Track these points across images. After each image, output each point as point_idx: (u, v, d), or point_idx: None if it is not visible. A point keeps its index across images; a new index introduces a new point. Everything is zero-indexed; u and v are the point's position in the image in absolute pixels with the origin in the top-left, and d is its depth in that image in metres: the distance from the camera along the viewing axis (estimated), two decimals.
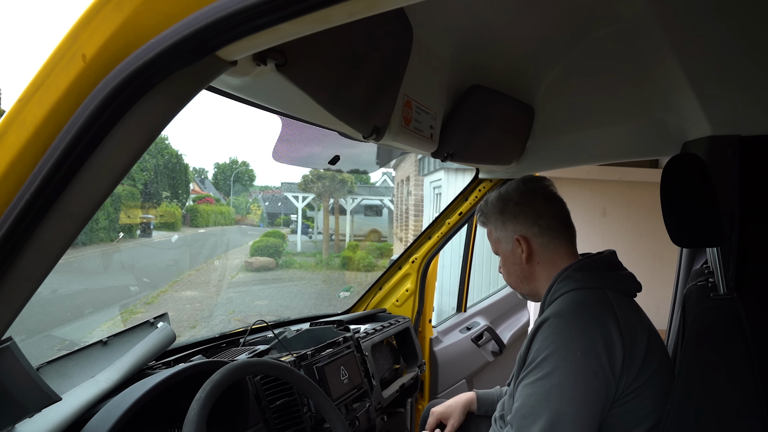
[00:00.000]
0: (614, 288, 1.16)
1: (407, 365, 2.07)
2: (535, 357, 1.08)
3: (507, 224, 1.27)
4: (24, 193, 0.50)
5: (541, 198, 1.26)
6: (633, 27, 1.47)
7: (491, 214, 1.31)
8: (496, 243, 1.32)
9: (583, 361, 1.03)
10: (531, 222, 1.24)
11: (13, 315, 0.56)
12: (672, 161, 1.14)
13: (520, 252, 1.25)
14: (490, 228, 1.32)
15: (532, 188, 1.28)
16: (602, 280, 1.17)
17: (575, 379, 1.03)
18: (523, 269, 1.27)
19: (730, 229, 1.28)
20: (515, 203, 1.27)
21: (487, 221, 1.32)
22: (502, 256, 1.32)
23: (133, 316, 7.69)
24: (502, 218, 1.28)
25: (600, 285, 1.16)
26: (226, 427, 1.22)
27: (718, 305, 1.10)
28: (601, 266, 1.21)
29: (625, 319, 1.09)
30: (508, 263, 1.29)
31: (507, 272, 1.32)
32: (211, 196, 27.17)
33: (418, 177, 9.35)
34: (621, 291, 1.17)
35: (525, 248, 1.24)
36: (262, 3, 0.45)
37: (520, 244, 1.24)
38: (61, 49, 0.51)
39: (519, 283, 1.31)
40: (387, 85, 1.12)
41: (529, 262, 1.25)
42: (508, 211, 1.27)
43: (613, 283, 1.18)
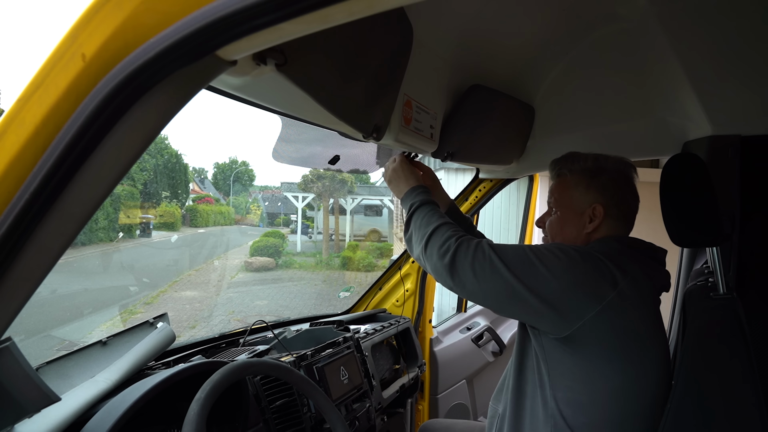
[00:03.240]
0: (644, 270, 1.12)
1: (407, 365, 2.06)
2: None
3: (591, 189, 1.22)
4: (24, 192, 0.50)
5: (629, 187, 1.25)
6: (633, 27, 1.47)
7: (580, 171, 1.24)
8: (566, 199, 1.25)
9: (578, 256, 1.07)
10: (615, 201, 1.22)
11: (13, 315, 0.56)
12: (671, 161, 1.14)
13: (588, 221, 1.21)
14: (568, 181, 1.25)
15: (627, 174, 1.25)
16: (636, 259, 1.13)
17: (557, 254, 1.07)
18: (578, 236, 1.23)
19: (730, 229, 1.28)
20: (610, 177, 1.23)
21: (569, 174, 1.26)
22: (563, 214, 1.25)
23: (133, 316, 7.69)
24: (589, 181, 1.23)
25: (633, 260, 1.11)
26: (226, 427, 1.22)
27: (718, 305, 1.10)
28: (638, 245, 1.19)
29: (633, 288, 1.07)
30: (569, 224, 1.24)
31: (559, 231, 1.26)
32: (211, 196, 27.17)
33: None
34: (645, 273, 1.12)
35: (598, 220, 1.21)
36: (262, 3, 0.45)
37: (595, 212, 1.21)
38: (60, 48, 0.51)
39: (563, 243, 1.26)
40: (387, 85, 1.12)
41: (590, 233, 1.22)
42: (600, 180, 1.22)
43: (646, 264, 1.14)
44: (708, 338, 1.08)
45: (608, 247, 1.15)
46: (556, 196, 1.28)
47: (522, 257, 1.06)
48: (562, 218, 1.26)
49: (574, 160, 1.27)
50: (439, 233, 1.16)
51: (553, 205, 1.29)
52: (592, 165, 1.24)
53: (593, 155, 1.26)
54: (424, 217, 1.22)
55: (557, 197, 1.27)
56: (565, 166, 1.27)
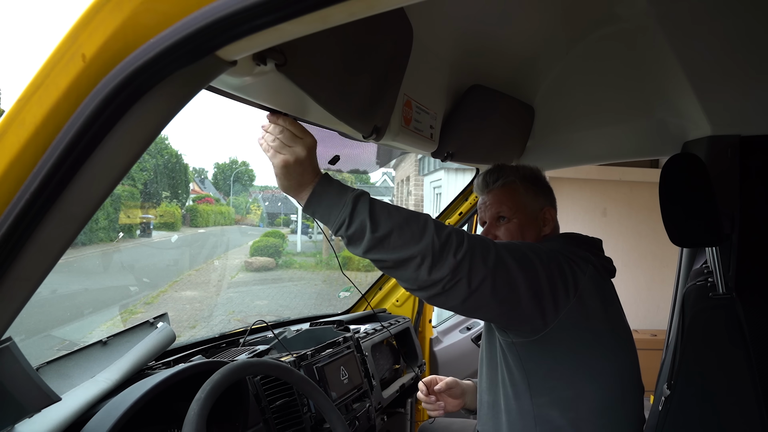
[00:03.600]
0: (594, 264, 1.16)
1: (407, 365, 2.06)
2: None
3: (539, 195, 1.29)
4: (24, 193, 0.50)
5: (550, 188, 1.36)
6: (633, 27, 1.47)
7: (523, 180, 1.29)
8: (518, 205, 1.27)
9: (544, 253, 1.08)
10: (552, 202, 1.32)
11: (13, 315, 0.56)
12: (670, 161, 1.14)
13: (542, 224, 1.28)
14: (518, 188, 1.28)
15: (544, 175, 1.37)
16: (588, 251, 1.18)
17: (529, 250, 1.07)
18: (537, 239, 1.27)
19: (729, 228, 1.28)
20: (545, 183, 1.33)
21: (515, 182, 1.29)
22: (519, 220, 1.26)
23: (133, 316, 7.68)
24: (534, 188, 1.30)
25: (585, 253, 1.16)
26: (226, 427, 1.22)
27: (717, 305, 1.10)
28: (585, 240, 1.25)
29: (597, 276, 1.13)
30: (526, 229, 1.26)
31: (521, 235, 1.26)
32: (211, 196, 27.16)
33: (418, 177, 9.35)
34: (604, 266, 1.18)
35: (551, 222, 1.29)
36: (262, 3, 0.45)
37: (547, 215, 1.28)
38: (60, 48, 0.51)
39: None
40: (387, 85, 1.12)
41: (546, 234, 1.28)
42: (541, 185, 1.31)
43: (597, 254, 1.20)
44: (708, 338, 1.08)
45: (559, 243, 1.20)
46: (508, 204, 1.27)
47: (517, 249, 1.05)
48: (521, 224, 1.26)
49: (514, 169, 1.32)
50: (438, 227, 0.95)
51: (505, 213, 1.27)
52: (529, 172, 1.32)
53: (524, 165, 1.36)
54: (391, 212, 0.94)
55: (510, 205, 1.27)
56: (509, 174, 1.30)
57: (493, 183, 1.31)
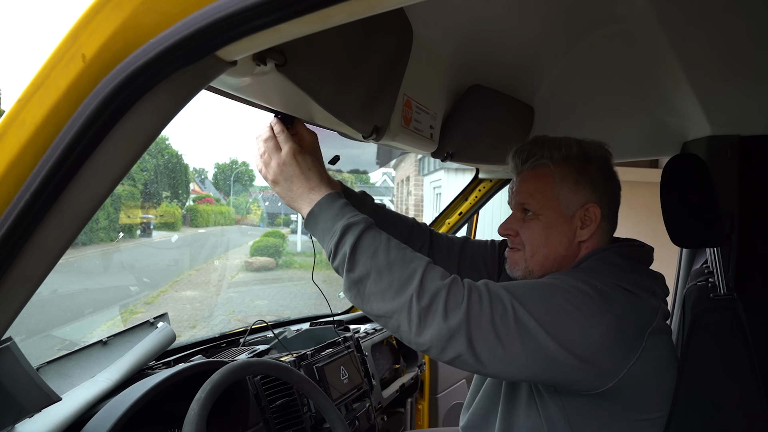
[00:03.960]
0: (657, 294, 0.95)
1: (407, 365, 2.06)
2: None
3: (581, 185, 0.96)
4: (24, 193, 0.50)
5: (616, 176, 1.01)
6: (633, 27, 1.47)
7: (563, 163, 0.96)
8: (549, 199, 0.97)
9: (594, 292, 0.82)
10: (608, 198, 0.98)
11: (13, 315, 0.56)
12: (672, 161, 1.14)
13: (579, 225, 0.96)
14: (550, 177, 0.96)
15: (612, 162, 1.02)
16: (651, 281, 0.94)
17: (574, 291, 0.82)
18: (570, 246, 0.97)
19: (730, 229, 1.28)
20: (600, 168, 0.97)
21: (552, 164, 0.97)
22: (547, 218, 0.97)
23: (133, 316, 7.68)
24: (577, 176, 0.96)
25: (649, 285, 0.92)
26: (226, 427, 1.22)
27: (718, 305, 1.10)
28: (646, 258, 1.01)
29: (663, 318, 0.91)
30: (554, 231, 0.96)
31: (544, 241, 0.97)
32: (211, 196, 27.14)
33: (418, 177, 9.35)
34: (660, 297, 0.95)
35: (594, 224, 0.96)
36: (262, 3, 0.45)
37: (588, 214, 0.96)
38: (60, 49, 0.51)
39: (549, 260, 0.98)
40: (387, 85, 1.12)
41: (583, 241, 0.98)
42: (589, 173, 0.96)
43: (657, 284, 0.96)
44: (709, 339, 1.08)
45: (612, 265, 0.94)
46: (534, 194, 0.98)
47: (550, 301, 0.80)
48: (547, 224, 0.97)
49: (556, 145, 0.98)
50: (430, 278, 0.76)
51: (531, 206, 0.99)
52: (578, 152, 0.97)
53: (574, 139, 0.99)
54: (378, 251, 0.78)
55: (537, 196, 0.98)
56: (543, 153, 0.98)
57: (523, 163, 1.00)
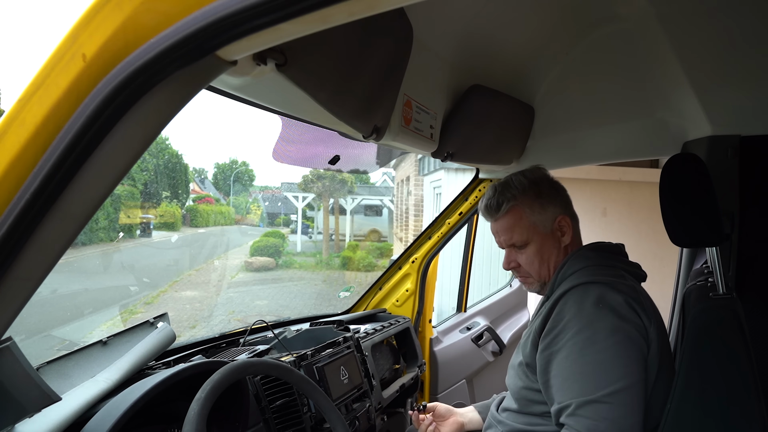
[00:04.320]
0: (625, 269, 1.15)
1: (407, 365, 2.06)
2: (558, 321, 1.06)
3: (546, 206, 1.20)
4: (24, 193, 0.50)
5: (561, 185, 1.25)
6: (633, 27, 1.47)
7: (524, 197, 1.20)
8: (528, 229, 1.20)
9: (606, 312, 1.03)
10: (567, 204, 1.22)
11: (13, 315, 0.56)
12: (671, 161, 1.14)
13: (560, 235, 1.19)
14: (521, 212, 1.20)
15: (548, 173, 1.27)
16: (613, 260, 1.16)
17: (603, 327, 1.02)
18: (559, 253, 1.20)
19: (730, 229, 1.28)
20: (549, 185, 1.22)
21: (517, 205, 1.21)
22: (535, 243, 1.20)
23: (133, 316, 7.69)
24: (540, 201, 1.20)
25: (611, 263, 1.15)
26: (226, 427, 1.22)
27: (717, 305, 1.10)
28: (609, 249, 1.21)
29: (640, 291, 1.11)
30: (545, 249, 1.20)
31: (540, 260, 1.21)
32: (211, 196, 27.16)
33: (418, 177, 9.35)
34: (632, 274, 1.16)
35: (569, 229, 1.20)
36: (262, 3, 0.45)
37: (562, 224, 1.19)
38: (61, 48, 0.51)
39: (549, 269, 1.22)
40: (387, 85, 1.12)
41: (567, 243, 1.21)
42: (545, 193, 1.20)
43: (624, 265, 1.17)
44: (708, 338, 1.08)
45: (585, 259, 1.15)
46: (516, 230, 1.21)
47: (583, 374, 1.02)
48: (538, 248, 1.20)
49: (508, 187, 1.23)
50: None
51: (517, 240, 1.22)
52: (529, 184, 1.22)
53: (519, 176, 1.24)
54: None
55: (518, 230, 1.21)
56: (509, 196, 1.22)
57: (496, 212, 1.24)
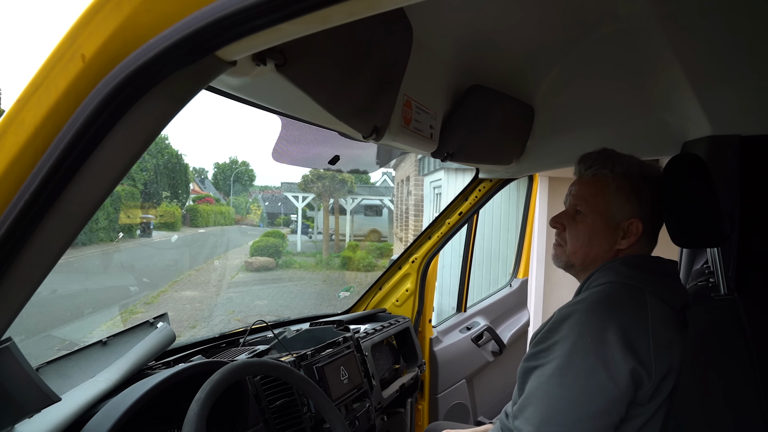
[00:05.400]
0: (655, 293, 1.03)
1: (407, 365, 2.06)
2: (546, 338, 1.00)
3: (633, 199, 1.07)
4: (23, 193, 0.50)
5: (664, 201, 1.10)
6: (633, 27, 1.47)
7: (623, 175, 1.08)
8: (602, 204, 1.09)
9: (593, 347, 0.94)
10: (652, 217, 1.08)
11: (13, 315, 0.56)
12: (672, 161, 1.14)
13: (621, 236, 1.07)
14: (608, 183, 1.09)
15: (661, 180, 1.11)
16: (644, 281, 1.04)
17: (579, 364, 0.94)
18: (608, 251, 1.09)
19: (730, 229, 1.28)
20: (652, 188, 1.08)
21: (611, 175, 1.09)
22: (593, 222, 1.10)
23: (133, 316, 7.69)
24: (632, 189, 1.07)
25: (639, 285, 1.03)
26: (226, 427, 1.22)
27: (718, 306, 1.10)
28: (648, 266, 1.08)
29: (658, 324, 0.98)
30: (598, 235, 1.09)
31: (586, 241, 1.10)
32: (211, 196, 27.16)
33: (418, 177, 9.34)
34: (663, 299, 1.03)
35: (633, 237, 1.07)
36: (262, 3, 0.45)
37: (631, 228, 1.07)
38: (60, 49, 0.51)
39: (586, 257, 1.11)
40: (387, 85, 1.12)
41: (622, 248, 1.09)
42: (643, 189, 1.07)
43: (656, 288, 1.04)
44: (709, 339, 1.08)
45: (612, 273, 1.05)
46: (588, 198, 1.10)
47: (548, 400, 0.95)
48: (591, 226, 1.10)
49: (616, 160, 1.10)
50: None
51: (583, 208, 1.11)
52: (637, 170, 1.09)
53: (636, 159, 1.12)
54: None
55: (591, 200, 1.10)
56: (605, 164, 1.10)
57: (585, 170, 1.13)
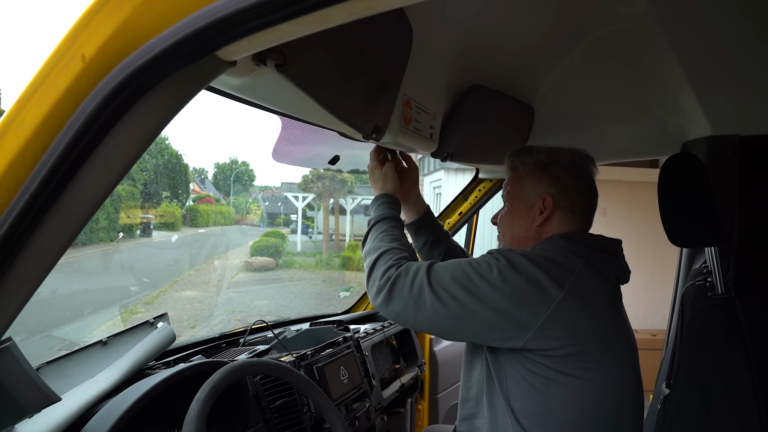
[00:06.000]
0: (591, 263, 1.07)
1: (407, 365, 2.07)
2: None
3: (542, 180, 1.19)
4: (24, 193, 0.50)
5: (585, 179, 1.20)
6: (633, 27, 1.47)
7: (531, 164, 1.22)
8: (517, 192, 1.23)
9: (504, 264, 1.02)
10: (566, 193, 1.17)
11: (13, 315, 0.56)
12: (669, 161, 1.14)
13: (538, 213, 1.18)
14: (520, 174, 1.23)
15: (583, 167, 1.21)
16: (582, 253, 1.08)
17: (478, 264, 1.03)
18: (528, 229, 1.19)
19: (729, 229, 1.28)
20: (563, 168, 1.19)
21: (521, 167, 1.23)
22: (513, 207, 1.23)
23: (133, 316, 7.69)
24: (540, 172, 1.20)
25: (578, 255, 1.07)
26: (226, 427, 1.22)
27: (716, 305, 1.10)
28: (586, 240, 1.14)
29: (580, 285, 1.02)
30: (518, 217, 1.22)
31: (509, 224, 1.24)
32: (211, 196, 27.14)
33: None
34: (598, 268, 1.07)
35: (548, 212, 1.16)
36: (261, 3, 0.45)
37: (544, 204, 1.17)
38: (60, 49, 0.51)
39: (513, 239, 1.24)
40: (387, 85, 1.12)
41: (540, 225, 1.18)
42: (551, 171, 1.19)
43: (593, 257, 1.08)
44: (707, 338, 1.08)
45: (553, 245, 1.12)
46: (508, 189, 1.25)
47: (461, 276, 1.02)
48: (512, 211, 1.23)
49: (527, 152, 1.23)
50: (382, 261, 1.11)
51: (505, 199, 1.26)
52: (545, 157, 1.21)
53: (547, 148, 1.22)
54: (376, 238, 1.19)
55: (509, 190, 1.24)
56: (517, 158, 1.25)
57: (508, 169, 1.28)
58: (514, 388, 1.04)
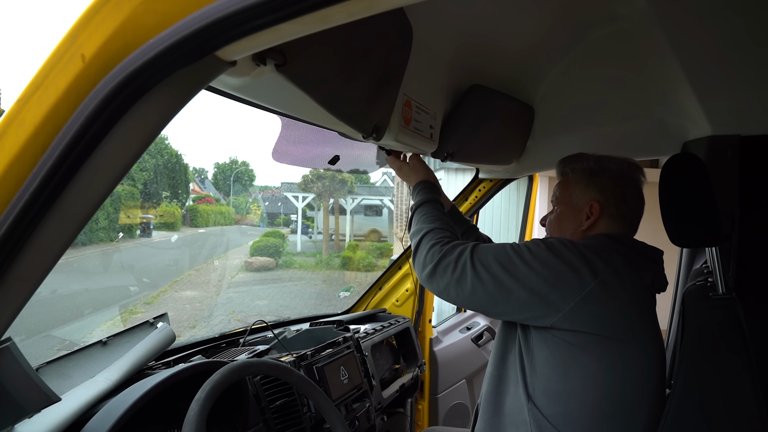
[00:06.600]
0: (629, 262, 1.11)
1: (407, 365, 2.06)
2: None
3: (590, 187, 1.24)
4: (23, 193, 0.50)
5: (632, 188, 1.23)
6: (633, 27, 1.47)
7: (581, 171, 1.27)
8: (566, 197, 1.28)
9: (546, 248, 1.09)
10: (614, 200, 1.22)
11: (13, 315, 0.56)
12: (670, 161, 1.14)
13: (585, 218, 1.23)
14: (570, 179, 1.29)
15: (631, 175, 1.24)
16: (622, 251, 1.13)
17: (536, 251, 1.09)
18: (575, 233, 1.25)
19: (729, 229, 1.28)
20: (610, 177, 1.23)
21: (571, 174, 1.29)
22: (562, 211, 1.29)
23: (133, 316, 7.69)
24: (588, 179, 1.25)
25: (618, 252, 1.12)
26: (226, 427, 1.22)
27: (717, 305, 1.10)
28: (630, 243, 1.18)
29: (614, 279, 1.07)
30: (565, 221, 1.27)
31: (557, 227, 1.30)
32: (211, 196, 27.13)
33: None
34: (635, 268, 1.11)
35: (594, 217, 1.21)
36: (261, 3, 0.45)
37: (591, 210, 1.22)
38: (60, 49, 0.51)
39: None
40: (387, 85, 1.12)
41: (586, 230, 1.23)
42: (600, 179, 1.24)
43: (632, 257, 1.13)
44: (707, 338, 1.08)
45: (596, 241, 1.17)
46: (557, 194, 1.31)
47: (502, 256, 1.10)
48: (561, 215, 1.29)
49: (577, 159, 1.29)
50: (427, 240, 1.21)
51: (555, 203, 1.32)
52: (594, 165, 1.26)
53: (598, 156, 1.27)
54: (419, 220, 1.29)
55: (558, 195, 1.31)
56: (568, 165, 1.30)
57: (558, 173, 1.34)
58: (539, 367, 1.10)
